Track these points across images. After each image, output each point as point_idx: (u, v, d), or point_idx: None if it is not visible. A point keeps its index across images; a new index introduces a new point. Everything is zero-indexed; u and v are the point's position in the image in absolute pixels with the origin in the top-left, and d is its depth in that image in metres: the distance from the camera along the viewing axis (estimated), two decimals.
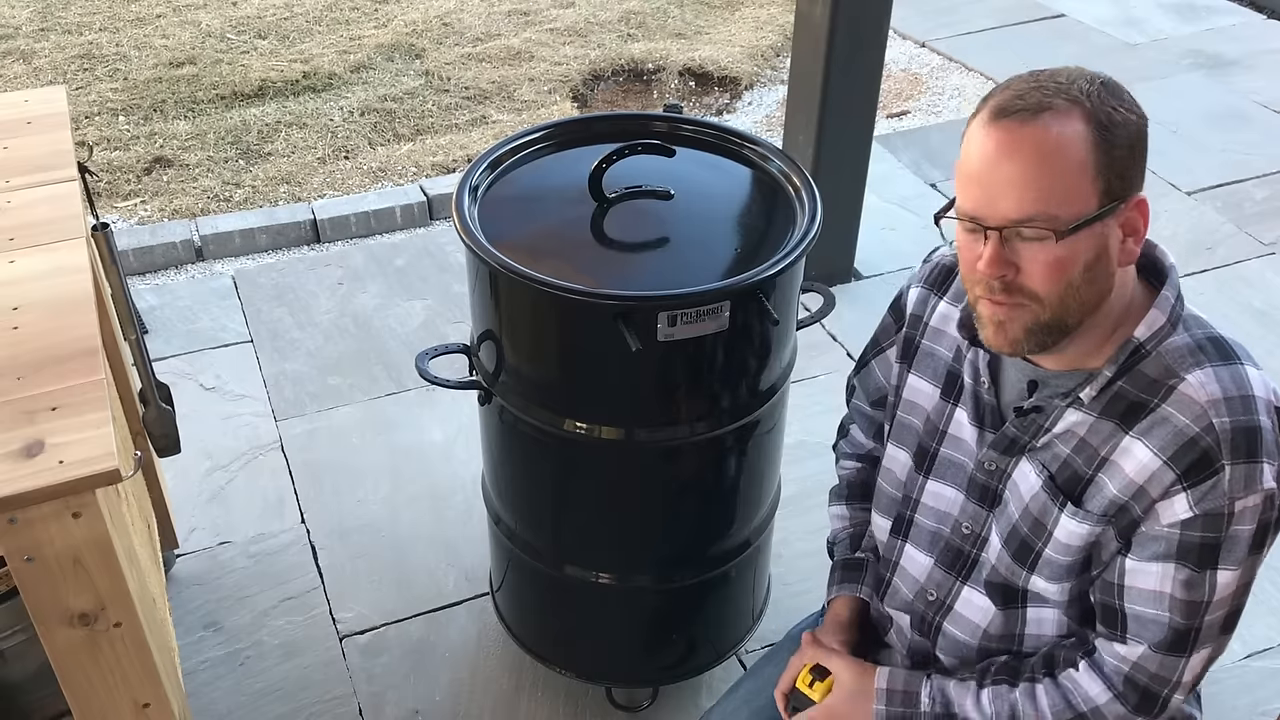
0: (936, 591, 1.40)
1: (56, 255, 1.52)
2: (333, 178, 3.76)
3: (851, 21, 2.70)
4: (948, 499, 1.38)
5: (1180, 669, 1.23)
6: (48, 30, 4.57)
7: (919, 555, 1.43)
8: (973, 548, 1.36)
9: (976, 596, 1.36)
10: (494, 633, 2.19)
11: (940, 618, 1.41)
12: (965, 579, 1.38)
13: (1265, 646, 2.21)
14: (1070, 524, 1.24)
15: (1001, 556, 1.31)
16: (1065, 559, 1.26)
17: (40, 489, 1.18)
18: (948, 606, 1.39)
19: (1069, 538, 1.24)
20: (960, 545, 1.37)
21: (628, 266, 1.67)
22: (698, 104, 4.38)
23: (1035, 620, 1.34)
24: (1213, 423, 1.15)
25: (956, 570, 1.38)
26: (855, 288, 3.16)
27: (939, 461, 1.39)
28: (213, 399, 2.77)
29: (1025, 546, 1.29)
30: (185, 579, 2.32)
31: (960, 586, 1.38)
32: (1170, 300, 1.21)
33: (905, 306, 1.46)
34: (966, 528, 1.36)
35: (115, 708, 1.41)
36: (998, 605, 1.34)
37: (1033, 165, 1.10)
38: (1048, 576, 1.28)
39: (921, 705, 1.36)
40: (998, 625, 1.35)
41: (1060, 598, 1.29)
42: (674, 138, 1.83)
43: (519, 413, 1.72)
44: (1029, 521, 1.28)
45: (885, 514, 1.50)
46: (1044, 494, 1.26)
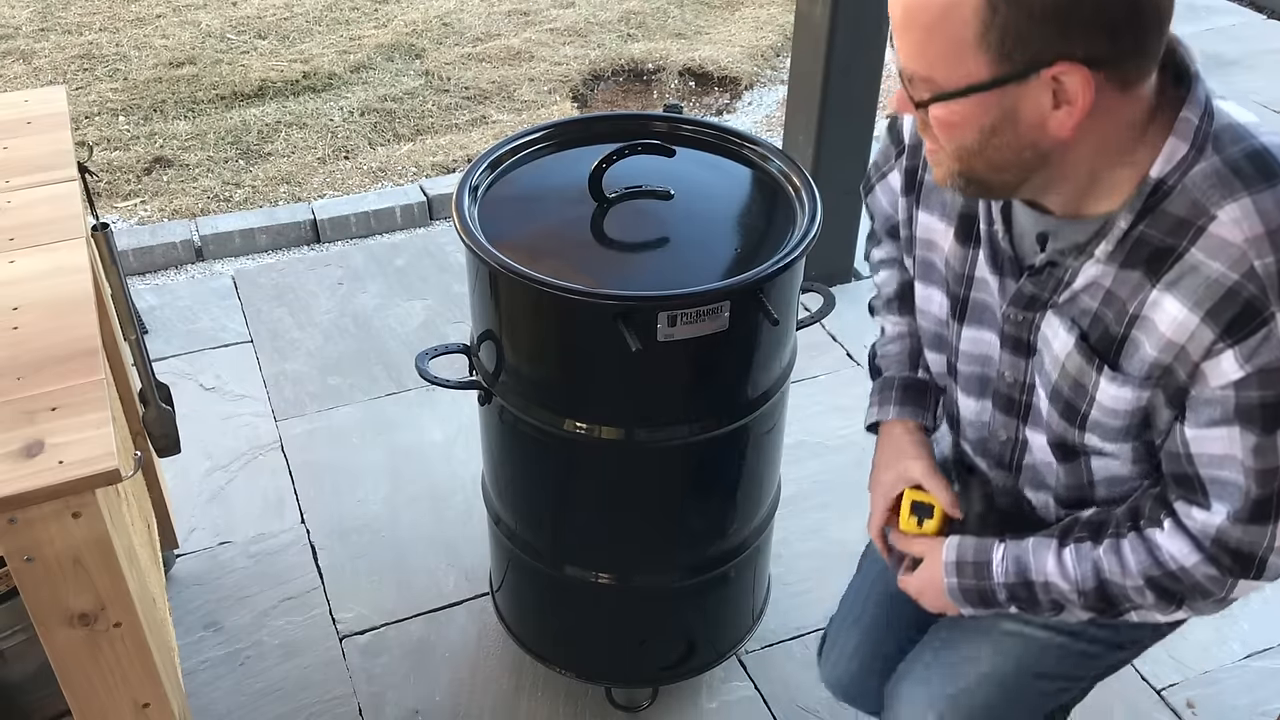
0: (1005, 432, 1.30)
1: (56, 255, 1.52)
2: (333, 178, 3.76)
3: (851, 21, 2.70)
4: (986, 343, 1.27)
5: (1270, 534, 1.10)
6: (48, 30, 4.57)
7: (971, 401, 1.33)
8: (1022, 394, 1.25)
9: (1039, 438, 1.26)
10: (494, 633, 2.19)
11: (1019, 455, 1.31)
12: (1026, 422, 1.27)
13: (1265, 646, 2.21)
14: (1111, 389, 1.12)
15: (1050, 413, 1.21)
16: (1116, 422, 1.14)
17: (40, 489, 1.18)
18: (1022, 443, 1.29)
19: (1114, 402, 1.13)
20: (1009, 393, 1.26)
21: (628, 266, 1.67)
22: (698, 104, 4.38)
23: (1103, 469, 1.24)
24: (1254, 266, 0.99)
25: (1015, 414, 1.27)
26: (855, 288, 3.16)
27: (971, 306, 1.27)
28: (213, 399, 2.77)
29: (1071, 408, 1.18)
30: (185, 579, 2.32)
31: (1023, 428, 1.27)
32: (1193, 122, 1.04)
33: (903, 133, 1.34)
34: (1009, 376, 1.25)
35: (115, 708, 1.41)
36: (1058, 459, 1.25)
37: (914, 27, 1.02)
38: (1101, 436, 1.17)
39: (994, 575, 1.27)
40: (1065, 475, 1.26)
41: (1123, 456, 1.19)
42: (674, 138, 1.83)
43: (519, 413, 1.72)
44: (1069, 383, 1.16)
45: (933, 349, 1.38)
46: (1079, 355, 1.14)
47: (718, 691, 2.12)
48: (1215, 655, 2.19)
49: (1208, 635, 2.23)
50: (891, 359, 1.48)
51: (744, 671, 2.15)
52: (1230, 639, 2.22)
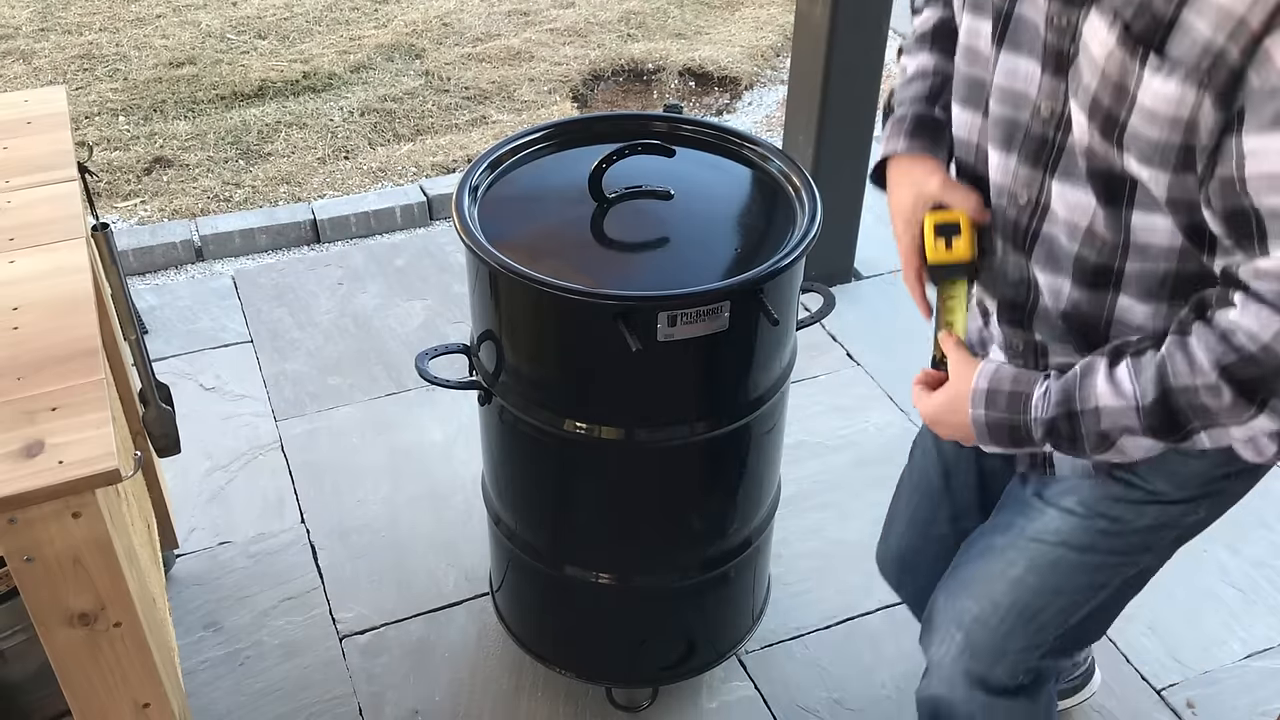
0: (1026, 192, 1.21)
1: (56, 255, 1.52)
2: (333, 178, 3.76)
3: (851, 21, 2.70)
4: (1023, 74, 1.17)
5: None
6: (48, 30, 4.57)
7: (997, 156, 1.23)
8: (1056, 132, 1.15)
9: (1070, 192, 1.16)
10: (494, 633, 2.19)
11: (1037, 221, 1.21)
12: (1053, 172, 1.17)
13: (1265, 646, 2.21)
14: (1155, 82, 1.01)
15: (1091, 133, 1.10)
16: (1155, 134, 1.03)
17: (40, 489, 1.18)
18: (1043, 207, 1.20)
19: (1155, 101, 1.02)
20: (1043, 132, 1.17)
21: (628, 266, 1.67)
22: (698, 104, 4.38)
23: (1145, 227, 1.13)
24: None
25: (1043, 163, 1.18)
26: (855, 288, 3.16)
27: (1014, 23, 1.16)
28: (213, 399, 2.77)
29: (1110, 118, 1.07)
30: (185, 579, 2.32)
31: (1050, 182, 1.18)
32: None
33: None
34: (1046, 108, 1.15)
35: (115, 708, 1.41)
36: (1101, 200, 1.13)
37: None
38: (1139, 156, 1.06)
39: (1033, 409, 1.18)
40: (1100, 224, 1.15)
41: (1160, 193, 1.08)
42: (674, 138, 1.83)
43: (519, 413, 1.72)
44: (1109, 88, 1.06)
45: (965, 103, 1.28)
46: (1120, 51, 1.03)
47: (718, 691, 2.12)
48: (1215, 655, 2.19)
49: (1208, 635, 2.23)
50: (908, 97, 1.39)
51: (744, 671, 2.15)
52: (1230, 639, 2.22)
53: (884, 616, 2.26)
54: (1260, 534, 2.44)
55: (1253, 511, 2.48)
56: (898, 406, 2.76)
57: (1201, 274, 1.12)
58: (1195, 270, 1.13)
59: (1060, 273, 1.22)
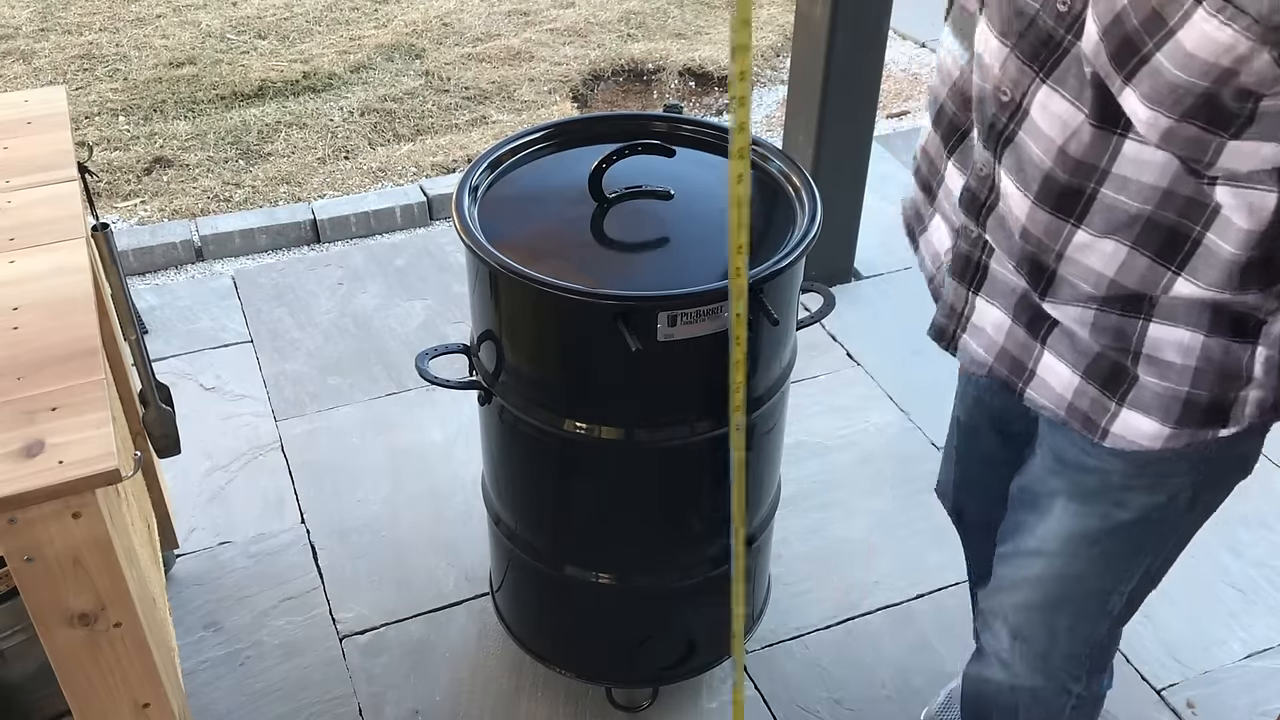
0: (1011, 90, 1.13)
1: (56, 255, 1.52)
2: (333, 178, 3.76)
3: (851, 21, 2.70)
4: None
5: None
6: (48, 30, 4.57)
7: (993, 39, 1.14)
8: (1066, 32, 1.05)
9: (1057, 101, 1.08)
10: (494, 633, 2.19)
11: (1015, 125, 1.14)
12: (1047, 75, 1.08)
13: (1265, 646, 2.21)
14: (1206, 26, 0.91)
15: (1099, 53, 1.01)
16: (1180, 78, 0.94)
17: (40, 489, 1.18)
18: (1023, 111, 1.12)
19: (1198, 44, 0.92)
20: (1051, 29, 1.06)
21: (628, 266, 1.67)
22: (698, 104, 4.38)
23: (1133, 160, 1.06)
24: None
25: (1039, 62, 1.09)
26: (855, 288, 3.16)
27: None
28: (213, 399, 2.77)
29: (1128, 44, 0.97)
30: (185, 579, 2.32)
31: (1039, 86, 1.10)
32: None
33: None
34: (1064, 3, 1.04)
35: (115, 708, 1.41)
36: (1093, 118, 1.05)
37: None
38: (1147, 94, 0.98)
39: None
40: (1081, 144, 1.07)
41: (1151, 135, 1.01)
42: (674, 138, 1.83)
43: (519, 413, 1.72)
44: (1142, 11, 0.95)
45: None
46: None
47: (718, 691, 2.12)
48: (1215, 655, 2.19)
49: (1208, 635, 2.23)
50: None
51: (744, 671, 2.15)
52: (1230, 639, 2.22)
53: (884, 616, 2.26)
54: (1260, 534, 2.44)
55: (1253, 511, 2.48)
56: (898, 406, 2.77)
57: (1175, 226, 1.09)
58: (1171, 221, 1.09)
59: (1025, 187, 1.16)
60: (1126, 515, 1.35)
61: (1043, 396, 1.31)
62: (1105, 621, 1.50)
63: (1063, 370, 1.27)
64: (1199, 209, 1.08)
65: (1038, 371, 1.30)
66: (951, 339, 1.39)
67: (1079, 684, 1.57)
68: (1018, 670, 1.56)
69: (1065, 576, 1.44)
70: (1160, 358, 1.19)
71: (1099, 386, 1.24)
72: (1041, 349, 1.28)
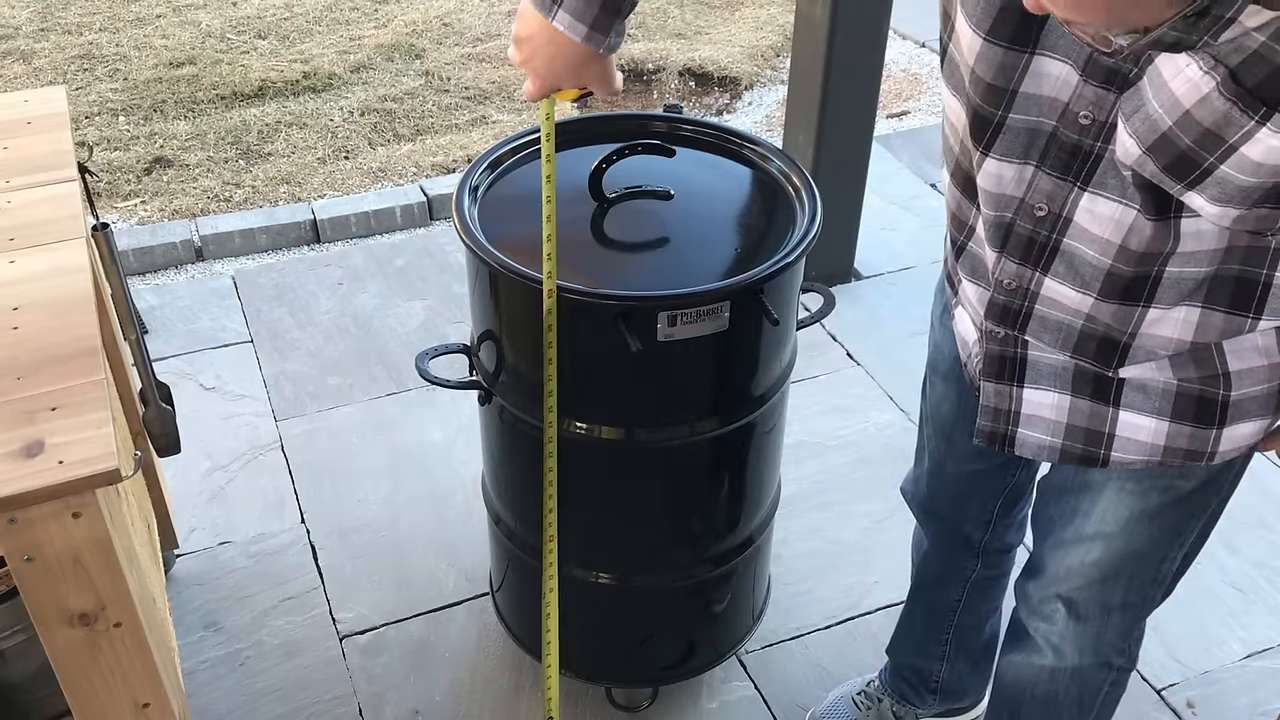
0: (1048, 204, 1.10)
1: (56, 255, 1.52)
2: (333, 178, 3.76)
3: (851, 21, 2.70)
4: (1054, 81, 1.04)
5: None
6: (48, 30, 4.57)
7: (1009, 167, 1.11)
8: (1095, 139, 1.03)
9: (1102, 204, 1.06)
10: (494, 633, 2.19)
11: (1059, 235, 1.10)
12: (1086, 184, 1.05)
13: (1265, 646, 2.21)
14: (1274, 140, 0.87)
15: (1145, 164, 0.98)
16: (1251, 182, 0.92)
17: (40, 489, 1.18)
18: (1065, 219, 1.09)
19: (1265, 156, 0.89)
20: (1077, 141, 1.04)
21: (628, 266, 1.67)
22: (698, 104, 4.38)
23: (1193, 234, 1.03)
24: None
25: (1074, 173, 1.06)
26: (855, 288, 3.16)
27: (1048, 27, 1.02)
28: (213, 399, 2.77)
29: (1185, 161, 0.95)
30: (185, 579, 2.32)
31: (1079, 194, 1.06)
32: None
33: None
34: (1086, 116, 1.02)
35: (115, 708, 1.41)
36: (1149, 213, 1.02)
37: None
38: (1214, 197, 0.95)
39: None
40: (1143, 237, 1.04)
41: (1222, 223, 0.98)
42: (674, 138, 1.83)
43: (519, 413, 1.72)
44: (1194, 133, 0.92)
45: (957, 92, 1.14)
46: (1223, 101, 0.88)
47: (718, 691, 2.12)
48: (1215, 655, 2.19)
49: (1208, 635, 2.23)
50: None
51: (744, 671, 2.15)
52: (1230, 639, 2.22)
53: (884, 616, 2.26)
54: (1260, 534, 2.44)
55: (1252, 511, 2.48)
56: (898, 406, 2.76)
57: (1240, 275, 1.10)
58: (1235, 270, 1.10)
59: (1084, 287, 1.15)
60: (1189, 485, 1.33)
61: (1131, 454, 1.28)
62: (1160, 589, 1.49)
63: (1146, 422, 1.25)
64: (1260, 254, 1.08)
65: (1118, 434, 1.27)
66: (1005, 439, 1.36)
67: (1123, 656, 1.58)
68: (1067, 653, 1.56)
69: (1126, 554, 1.42)
70: (1247, 367, 1.19)
71: (1193, 423, 1.22)
72: (1116, 410, 1.26)
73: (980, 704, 2.04)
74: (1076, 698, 1.63)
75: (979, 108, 1.11)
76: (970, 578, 1.78)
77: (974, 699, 2.02)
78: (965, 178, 1.21)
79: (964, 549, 1.74)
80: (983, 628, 1.89)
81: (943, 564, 1.80)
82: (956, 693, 1.97)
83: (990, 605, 1.86)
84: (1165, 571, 1.46)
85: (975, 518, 1.70)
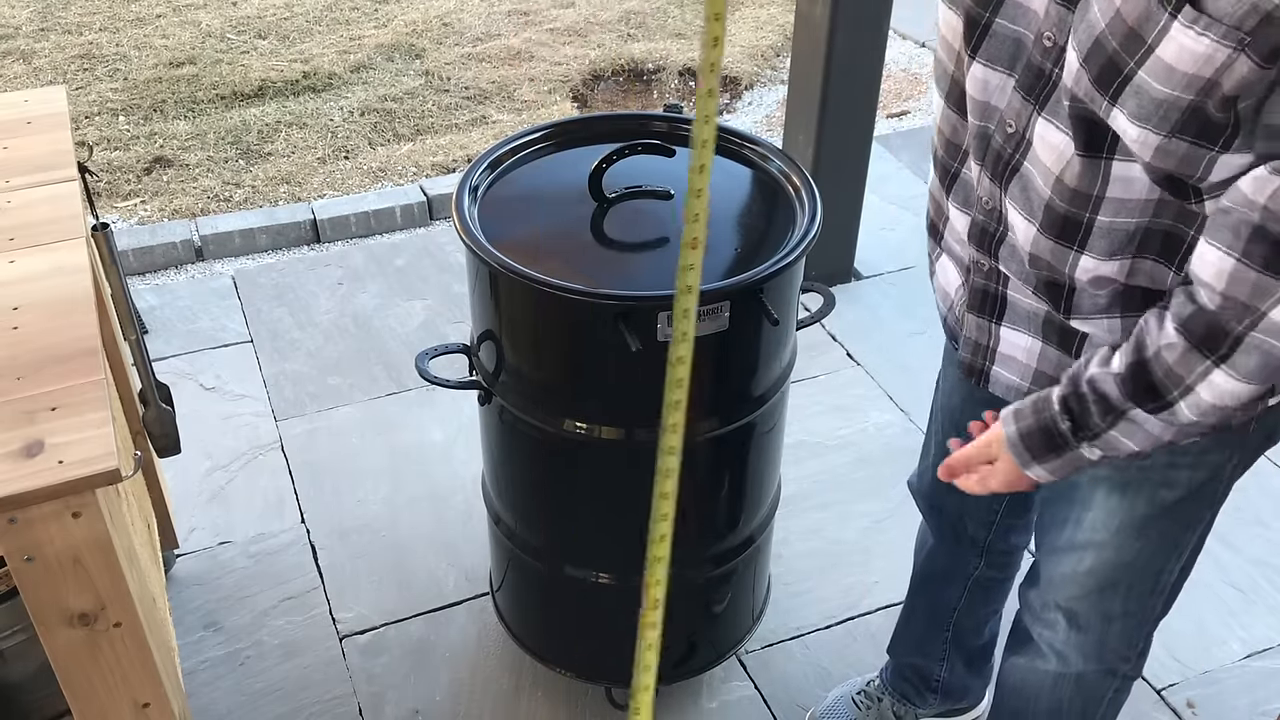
0: (1015, 121, 1.16)
1: (56, 255, 1.52)
2: (333, 178, 3.76)
3: (851, 21, 2.70)
4: None
5: None
6: (48, 30, 4.57)
7: (993, 74, 1.18)
8: (1054, 66, 1.09)
9: (1052, 132, 1.12)
10: (494, 633, 2.19)
11: (1020, 155, 1.17)
12: (1042, 107, 1.12)
13: (1265, 646, 2.21)
14: (1183, 37, 0.93)
15: (1080, 79, 1.04)
16: (1164, 92, 0.97)
17: (40, 489, 1.18)
18: (1027, 142, 1.15)
19: (1177, 56, 0.95)
20: (1041, 63, 1.11)
21: (628, 266, 1.67)
22: None
23: (1122, 179, 1.09)
24: None
25: (1035, 95, 1.13)
26: (855, 288, 3.16)
27: None
28: (213, 399, 2.77)
29: (1111, 67, 1.01)
30: (185, 579, 2.32)
31: (1036, 117, 1.13)
32: None
33: None
34: (1049, 38, 1.09)
35: (115, 708, 1.41)
36: (1079, 148, 1.09)
37: None
38: (1134, 112, 1.01)
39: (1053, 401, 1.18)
40: (1075, 173, 1.10)
41: (1144, 154, 1.03)
42: (674, 138, 1.83)
43: (519, 413, 1.72)
44: (1120, 33, 0.98)
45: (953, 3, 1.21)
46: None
47: (718, 691, 2.12)
48: (1215, 655, 2.19)
49: (1208, 635, 2.23)
50: None
51: (744, 671, 2.15)
52: (1230, 639, 2.22)
53: (884, 616, 2.26)
54: (1259, 532, 2.44)
55: (1251, 510, 2.48)
56: (898, 406, 2.77)
57: (1171, 232, 1.11)
58: (1166, 226, 1.11)
59: (1030, 215, 1.19)
60: (1174, 495, 1.35)
61: None
62: (1160, 599, 1.50)
63: None
64: (1191, 217, 1.10)
65: None
66: (981, 374, 1.39)
67: (1128, 664, 1.58)
68: (1071, 659, 1.56)
69: (1119, 564, 1.44)
70: None
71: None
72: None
73: (980, 704, 2.04)
74: (1080, 709, 1.63)
75: (970, 8, 1.17)
76: (973, 575, 1.78)
77: (974, 700, 2.02)
78: (960, 93, 1.25)
79: (967, 546, 1.75)
80: (981, 630, 1.89)
81: (945, 560, 1.80)
82: (957, 693, 1.97)
83: (991, 608, 1.86)
84: (1164, 582, 1.47)
85: (979, 516, 1.70)
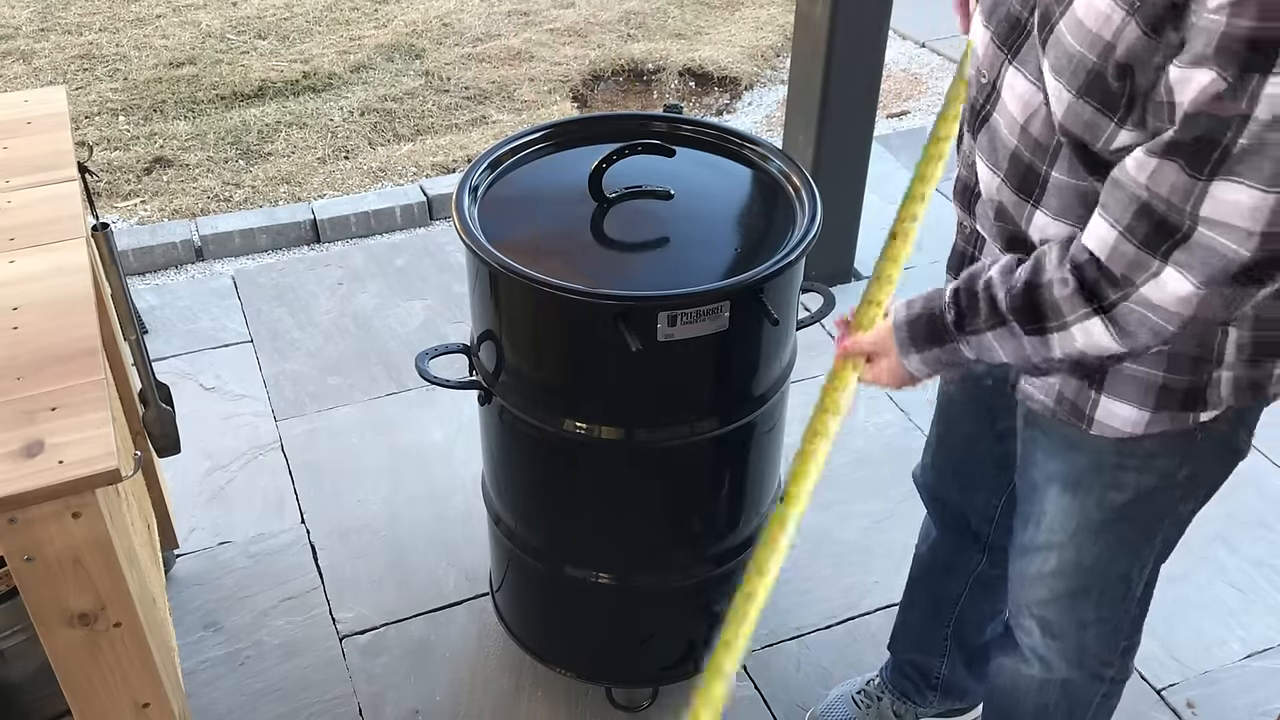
0: (989, 72, 1.23)
1: (56, 255, 1.52)
2: (333, 178, 3.76)
3: (851, 21, 2.70)
4: None
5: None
6: (48, 30, 4.57)
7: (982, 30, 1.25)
8: (1029, 14, 1.16)
9: (1020, 81, 1.18)
10: (494, 633, 2.19)
11: (990, 106, 1.24)
12: (1013, 56, 1.19)
13: (1265, 646, 2.21)
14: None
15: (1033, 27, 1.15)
16: (1073, 47, 1.06)
17: (40, 489, 1.18)
18: (996, 93, 1.22)
19: (1085, 13, 1.05)
20: (1018, 11, 1.18)
21: (628, 266, 1.67)
22: (698, 104, 4.38)
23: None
24: None
25: (1008, 44, 1.20)
26: (855, 288, 3.16)
27: None
28: (213, 399, 2.77)
29: (1045, 17, 1.12)
30: (185, 579, 2.32)
31: (1007, 67, 1.20)
32: None
33: None
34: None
35: (115, 708, 1.41)
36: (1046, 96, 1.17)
37: None
38: (1053, 63, 1.10)
39: (944, 294, 1.22)
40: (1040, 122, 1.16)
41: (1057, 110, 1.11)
42: (674, 138, 1.83)
43: (519, 413, 1.72)
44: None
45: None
46: None
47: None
48: (1215, 655, 2.19)
49: (1208, 635, 2.23)
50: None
51: (744, 671, 2.15)
52: (1230, 639, 2.22)
53: (884, 616, 2.26)
54: (1259, 533, 2.44)
55: (1252, 511, 2.48)
56: (898, 406, 2.76)
57: None
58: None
59: (996, 166, 1.23)
60: (1122, 497, 1.37)
61: (1034, 387, 1.34)
62: (1131, 603, 1.51)
63: None
64: None
65: None
66: None
67: (1112, 669, 1.59)
68: (1054, 664, 1.57)
69: (1080, 567, 1.45)
70: None
71: (1080, 375, 1.27)
72: None
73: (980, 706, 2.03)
74: (1067, 711, 1.63)
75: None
76: (974, 570, 1.78)
77: (974, 700, 2.02)
78: None
79: (970, 540, 1.75)
80: (983, 629, 1.89)
81: (949, 552, 1.80)
82: (957, 692, 1.97)
83: (992, 606, 1.86)
84: (1133, 590, 1.48)
85: (980, 511, 1.71)
